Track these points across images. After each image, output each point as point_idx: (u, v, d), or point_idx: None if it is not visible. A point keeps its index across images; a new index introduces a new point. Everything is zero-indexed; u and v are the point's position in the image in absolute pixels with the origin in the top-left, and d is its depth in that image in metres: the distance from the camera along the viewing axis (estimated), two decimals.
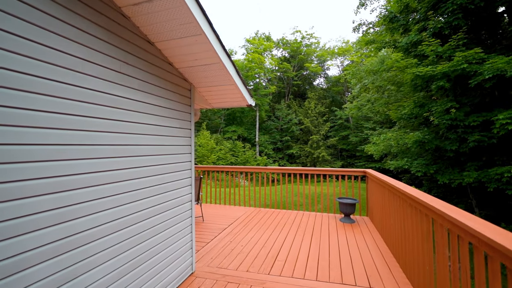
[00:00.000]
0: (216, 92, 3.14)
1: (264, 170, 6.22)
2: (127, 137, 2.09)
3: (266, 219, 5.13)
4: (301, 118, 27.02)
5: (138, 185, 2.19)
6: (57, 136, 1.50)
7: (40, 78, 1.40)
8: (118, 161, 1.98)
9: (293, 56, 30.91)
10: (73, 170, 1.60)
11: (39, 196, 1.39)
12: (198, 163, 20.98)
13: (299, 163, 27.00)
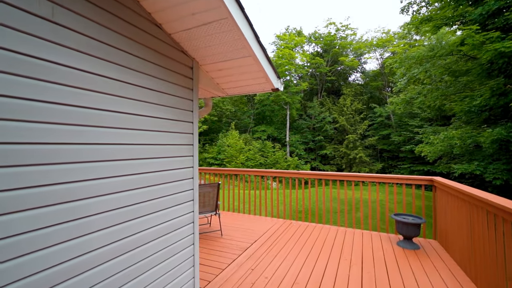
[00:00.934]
0: (228, 70, 2.26)
1: (296, 175, 5.21)
2: (85, 131, 1.32)
3: (298, 237, 4.13)
4: (336, 116, 25.12)
5: (98, 207, 1.39)
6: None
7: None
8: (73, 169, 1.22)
9: (327, 50, 29.02)
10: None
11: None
12: (227, 164, 20.58)
13: (333, 165, 25.15)
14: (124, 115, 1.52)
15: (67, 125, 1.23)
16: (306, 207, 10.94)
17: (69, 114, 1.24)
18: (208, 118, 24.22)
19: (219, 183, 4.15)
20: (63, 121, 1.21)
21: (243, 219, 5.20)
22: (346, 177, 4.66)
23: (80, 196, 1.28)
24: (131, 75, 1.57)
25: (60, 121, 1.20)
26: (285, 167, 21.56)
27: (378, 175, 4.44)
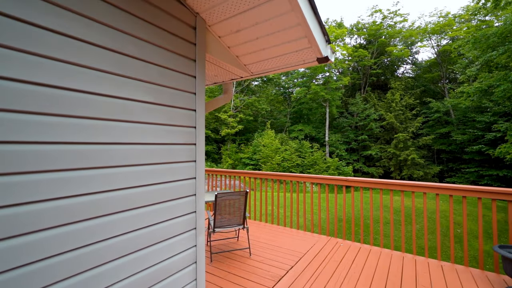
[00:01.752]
0: (249, 30, 1.47)
1: (351, 182, 4.20)
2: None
3: (349, 263, 3.16)
4: (382, 113, 22.59)
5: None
6: None
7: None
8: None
9: (371, 41, 26.42)
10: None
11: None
12: (262, 164, 19.93)
13: (379, 167, 22.68)
14: (91, 96, 0.86)
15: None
16: (348, 215, 9.64)
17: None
18: (244, 117, 23.93)
19: (247, 191, 3.40)
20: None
21: (275, 232, 4.38)
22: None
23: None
24: (98, 33, 0.90)
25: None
26: (324, 169, 20.05)
27: (446, 185, 3.18)
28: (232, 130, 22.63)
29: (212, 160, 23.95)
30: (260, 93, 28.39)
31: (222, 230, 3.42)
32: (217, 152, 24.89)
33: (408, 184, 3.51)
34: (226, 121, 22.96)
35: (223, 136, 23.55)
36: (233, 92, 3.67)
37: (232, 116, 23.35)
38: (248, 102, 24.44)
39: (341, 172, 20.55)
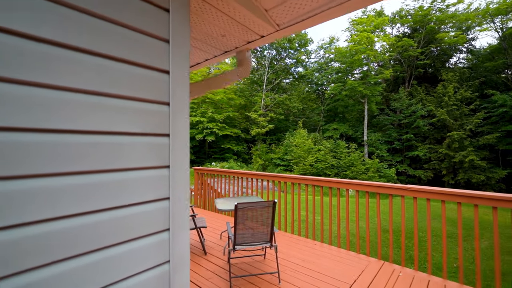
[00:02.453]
0: None
1: (412, 192, 3.24)
2: None
3: None
4: (432, 108, 19.98)
5: None
6: None
7: None
8: None
9: (417, 29, 23.65)
10: None
11: None
12: (294, 165, 18.96)
13: (428, 169, 20.09)
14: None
15: None
16: (397, 226, 8.33)
17: None
18: (275, 117, 23.20)
19: (275, 201, 2.70)
20: None
21: (311, 249, 3.58)
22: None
23: None
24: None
25: None
26: (363, 171, 18.34)
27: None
28: (262, 130, 22.06)
29: (242, 160, 23.68)
30: (292, 91, 27.37)
31: (244, 248, 2.77)
32: (247, 152, 24.54)
33: (487, 196, 2.46)
34: (256, 120, 22.47)
35: (253, 136, 23.11)
36: (252, 62, 3.07)
37: (263, 115, 22.77)
38: (279, 100, 23.64)
39: (382, 174, 18.62)
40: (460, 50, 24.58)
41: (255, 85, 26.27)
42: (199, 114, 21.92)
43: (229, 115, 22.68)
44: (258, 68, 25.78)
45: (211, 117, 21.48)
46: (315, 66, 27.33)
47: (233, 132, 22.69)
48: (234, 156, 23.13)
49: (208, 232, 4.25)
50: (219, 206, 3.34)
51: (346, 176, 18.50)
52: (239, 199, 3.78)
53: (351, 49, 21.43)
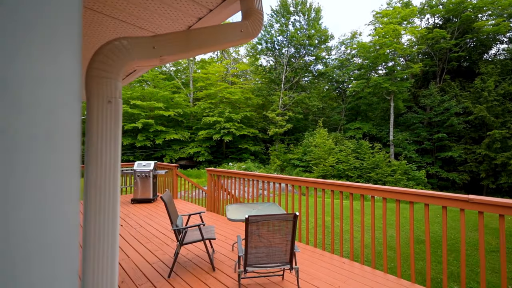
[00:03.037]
0: None
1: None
2: None
3: None
4: (468, 105, 18.17)
5: None
6: None
7: None
8: None
9: (450, 19, 21.74)
10: None
11: None
12: (313, 166, 18.10)
13: (463, 172, 18.29)
14: None
15: None
16: (436, 235, 7.39)
17: None
18: (293, 116, 22.45)
19: (296, 214, 2.15)
20: None
21: (338, 269, 2.97)
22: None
23: None
24: None
25: None
26: (389, 173, 17.07)
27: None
28: (280, 129, 21.42)
29: (260, 161, 23.19)
30: (311, 89, 26.41)
31: (258, 270, 2.25)
32: (265, 152, 24.00)
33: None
34: (274, 119, 21.87)
35: (271, 136, 22.53)
36: (263, 16, 2.61)
37: (280, 115, 22.12)
38: (298, 99, 22.84)
39: (410, 177, 17.21)
40: (501, 40, 22.23)
41: (273, 84, 25.67)
42: (216, 114, 21.76)
43: (246, 114, 22.31)
44: (276, 67, 25.16)
45: (228, 117, 21.22)
46: (335, 63, 26.18)
47: (251, 132, 22.28)
48: (252, 157, 22.70)
49: (219, 242, 3.78)
50: (229, 215, 2.84)
51: (370, 179, 17.33)
52: (254, 207, 3.27)
53: (376, 43, 20.13)
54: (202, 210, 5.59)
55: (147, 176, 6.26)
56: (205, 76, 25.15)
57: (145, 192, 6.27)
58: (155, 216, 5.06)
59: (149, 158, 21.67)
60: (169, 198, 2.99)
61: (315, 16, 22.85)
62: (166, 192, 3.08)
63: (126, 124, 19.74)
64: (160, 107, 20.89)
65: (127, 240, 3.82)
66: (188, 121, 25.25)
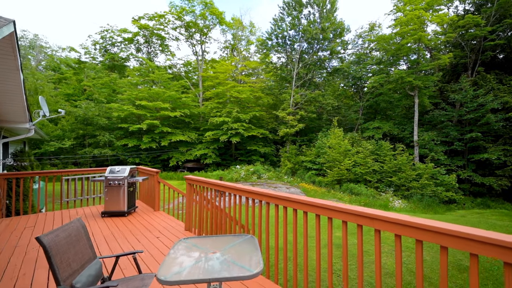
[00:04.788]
0: None
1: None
2: None
3: None
4: (508, 100, 15.84)
5: None
6: None
7: None
8: None
9: (483, 4, 19.34)
10: None
11: None
12: (327, 170, 16.54)
13: (502, 176, 15.97)
14: None
15: None
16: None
17: None
18: (305, 115, 20.97)
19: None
20: None
21: None
22: None
23: None
24: None
25: None
26: (414, 177, 15.17)
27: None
28: (291, 130, 20.02)
29: (270, 163, 21.91)
30: (325, 86, 24.77)
31: None
32: (276, 154, 22.68)
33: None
34: (284, 119, 20.52)
35: (281, 136, 21.19)
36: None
37: (292, 114, 20.71)
38: (310, 97, 21.33)
39: (438, 182, 15.21)
40: None
41: (284, 82, 24.33)
42: (224, 114, 20.78)
43: (255, 114, 21.13)
44: (288, 63, 23.78)
45: (236, 117, 20.14)
46: (352, 58, 24.37)
47: (260, 133, 21.06)
48: (261, 159, 21.48)
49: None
50: (162, 269, 1.63)
51: (392, 183, 15.52)
52: (219, 245, 2.04)
53: (397, 35, 18.22)
54: (175, 231, 4.44)
55: (120, 184, 5.23)
56: (214, 75, 24.31)
57: (117, 203, 5.24)
58: (118, 237, 3.98)
59: (155, 160, 21.08)
60: (69, 235, 1.84)
61: (330, 8, 21.26)
62: (72, 222, 1.94)
63: (131, 125, 19.23)
64: (167, 108, 20.23)
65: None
66: (197, 122, 24.50)
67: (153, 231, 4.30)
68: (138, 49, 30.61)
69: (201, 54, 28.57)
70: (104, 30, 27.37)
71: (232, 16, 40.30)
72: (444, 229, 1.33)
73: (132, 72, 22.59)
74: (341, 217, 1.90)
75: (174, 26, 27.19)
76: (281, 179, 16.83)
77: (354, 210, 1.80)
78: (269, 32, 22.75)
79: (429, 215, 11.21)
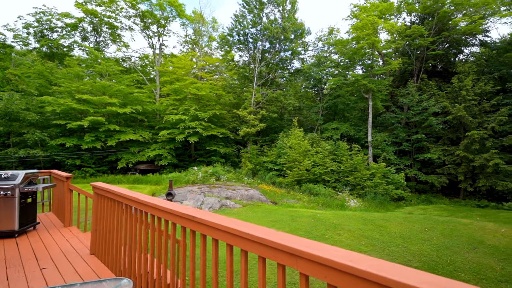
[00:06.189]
0: None
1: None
2: None
3: None
4: (446, 104, 17.45)
5: None
6: None
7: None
8: None
9: (426, 17, 21.20)
10: None
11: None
12: (287, 170, 16.34)
13: (442, 174, 17.51)
14: None
15: None
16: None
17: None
18: (267, 115, 20.64)
19: None
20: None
21: None
22: None
23: None
24: None
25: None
26: (368, 177, 15.76)
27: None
28: (252, 129, 19.47)
29: (231, 164, 21.07)
30: (287, 86, 24.83)
31: None
32: (237, 155, 21.94)
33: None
34: (245, 118, 19.89)
35: (242, 136, 20.52)
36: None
37: (253, 113, 20.19)
38: (272, 96, 21.07)
39: (389, 181, 16.04)
40: (471, 43, 22.12)
41: (246, 81, 23.75)
42: (180, 112, 19.34)
43: (215, 113, 20.10)
44: (250, 62, 23.27)
45: (195, 115, 18.88)
46: (313, 60, 24.88)
47: (221, 133, 20.10)
48: (222, 159, 20.52)
49: None
50: None
51: (348, 183, 15.92)
52: None
53: (354, 39, 18.91)
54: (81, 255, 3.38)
55: (8, 195, 3.95)
56: (172, 70, 22.62)
57: (4, 220, 3.94)
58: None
59: (100, 162, 18.71)
60: None
61: (290, 8, 21.30)
62: None
63: (70, 122, 16.71)
64: (115, 103, 18.05)
65: None
66: (152, 120, 22.51)
67: (41, 259, 3.17)
68: (85, 38, 27.22)
69: (158, 47, 26.49)
70: (40, 12, 23.65)
71: (193, 9, 38.52)
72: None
73: (72, 61, 19.74)
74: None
75: (127, 14, 24.74)
76: (241, 180, 16.14)
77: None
78: (230, 28, 21.97)
79: (381, 213, 11.56)
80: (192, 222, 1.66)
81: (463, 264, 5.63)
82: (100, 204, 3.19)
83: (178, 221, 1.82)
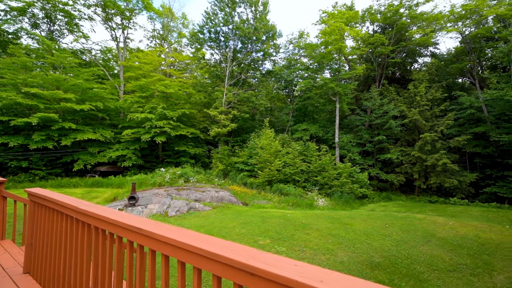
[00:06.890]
0: None
1: None
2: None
3: None
4: (403, 108, 18.94)
5: None
6: None
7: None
8: None
9: (386, 27, 22.85)
10: None
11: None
12: (258, 171, 16.34)
13: (400, 173, 18.96)
14: None
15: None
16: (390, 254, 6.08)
17: None
18: (238, 115, 20.46)
19: None
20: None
21: None
22: None
23: None
24: None
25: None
26: (335, 176, 16.41)
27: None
28: (223, 129, 19.14)
29: (202, 164, 20.48)
30: (259, 87, 24.91)
31: None
32: (208, 155, 21.40)
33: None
34: (216, 118, 19.48)
35: (213, 136, 20.06)
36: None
37: (224, 113, 19.86)
38: (244, 96, 20.95)
39: (354, 180, 16.90)
40: (424, 54, 24.45)
41: (218, 80, 23.31)
42: (147, 110, 18.27)
43: (185, 112, 19.36)
44: (222, 61, 22.88)
45: (162, 114, 17.96)
46: (284, 63, 25.32)
47: (190, 132, 19.41)
48: (192, 160, 19.83)
49: None
50: None
51: (317, 182, 16.42)
52: None
53: (323, 43, 19.62)
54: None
55: None
56: (137, 66, 21.28)
57: None
58: None
59: (53, 164, 16.85)
60: None
61: (262, 9, 21.41)
62: None
63: (15, 119, 14.76)
64: (70, 99, 16.39)
65: None
66: (115, 119, 20.94)
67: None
68: (35, 25, 24.37)
69: (122, 41, 24.77)
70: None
71: (162, 3, 36.87)
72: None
73: (18, 50, 17.48)
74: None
75: (86, 2, 22.72)
76: (212, 181, 15.73)
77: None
78: (201, 25, 21.38)
79: (347, 211, 12.10)
80: (134, 232, 1.42)
81: (418, 257, 6.03)
82: (37, 214, 2.73)
83: (118, 231, 1.56)
